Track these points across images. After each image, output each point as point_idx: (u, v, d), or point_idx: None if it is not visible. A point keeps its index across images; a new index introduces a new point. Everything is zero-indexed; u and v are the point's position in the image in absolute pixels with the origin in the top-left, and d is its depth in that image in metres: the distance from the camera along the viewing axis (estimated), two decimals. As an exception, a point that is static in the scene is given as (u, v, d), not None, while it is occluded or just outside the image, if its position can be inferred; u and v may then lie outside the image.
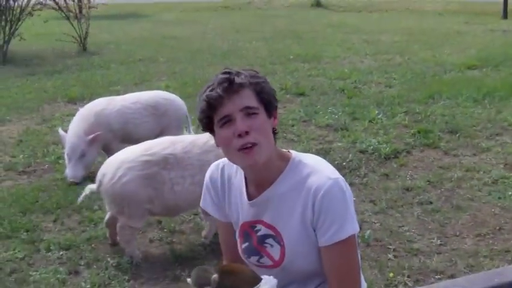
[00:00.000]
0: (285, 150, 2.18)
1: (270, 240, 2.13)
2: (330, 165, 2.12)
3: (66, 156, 5.65)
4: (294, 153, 2.15)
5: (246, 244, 2.20)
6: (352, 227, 2.01)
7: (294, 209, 2.05)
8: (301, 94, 8.51)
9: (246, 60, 11.19)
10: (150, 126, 5.85)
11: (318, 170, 2.06)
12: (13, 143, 6.77)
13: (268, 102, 2.04)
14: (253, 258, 2.19)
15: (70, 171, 5.56)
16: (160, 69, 10.71)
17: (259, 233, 2.15)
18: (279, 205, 2.09)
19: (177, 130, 6.03)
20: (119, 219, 4.16)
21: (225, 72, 2.02)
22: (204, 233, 4.44)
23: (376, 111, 7.35)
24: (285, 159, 2.11)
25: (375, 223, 4.66)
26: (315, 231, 2.04)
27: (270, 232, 2.12)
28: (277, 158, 2.09)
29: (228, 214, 2.26)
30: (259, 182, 2.12)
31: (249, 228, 2.18)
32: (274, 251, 2.12)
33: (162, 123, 5.88)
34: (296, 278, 2.15)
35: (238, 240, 2.23)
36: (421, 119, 7.16)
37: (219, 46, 13.04)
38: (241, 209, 2.19)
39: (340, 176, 2.05)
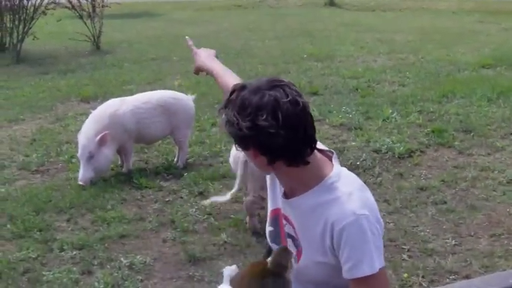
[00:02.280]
0: (329, 165, 2.08)
1: (290, 241, 2.11)
2: (365, 194, 2.02)
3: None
4: (334, 172, 2.04)
5: (271, 229, 2.19)
6: (370, 267, 1.91)
7: (315, 228, 1.99)
8: (315, 93, 8.48)
9: (258, 59, 11.15)
10: (162, 126, 5.86)
11: (344, 200, 1.95)
12: (26, 142, 6.78)
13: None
14: (274, 246, 2.18)
15: (80, 174, 5.49)
16: (174, 68, 10.70)
17: (285, 229, 2.13)
18: (302, 217, 2.05)
19: (187, 129, 6.04)
20: (253, 195, 4.51)
21: None
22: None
23: (390, 111, 7.31)
24: (318, 179, 2.02)
25: (389, 223, 4.63)
26: (335, 255, 1.98)
27: (293, 234, 2.10)
28: (309, 177, 2.02)
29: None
30: (287, 188, 2.11)
31: (280, 218, 2.15)
32: None
33: (172, 123, 5.89)
34: (306, 283, 2.14)
35: (267, 221, 2.23)
36: (435, 118, 7.11)
37: (232, 45, 13.00)
38: (279, 198, 2.16)
39: (366, 213, 1.93)
